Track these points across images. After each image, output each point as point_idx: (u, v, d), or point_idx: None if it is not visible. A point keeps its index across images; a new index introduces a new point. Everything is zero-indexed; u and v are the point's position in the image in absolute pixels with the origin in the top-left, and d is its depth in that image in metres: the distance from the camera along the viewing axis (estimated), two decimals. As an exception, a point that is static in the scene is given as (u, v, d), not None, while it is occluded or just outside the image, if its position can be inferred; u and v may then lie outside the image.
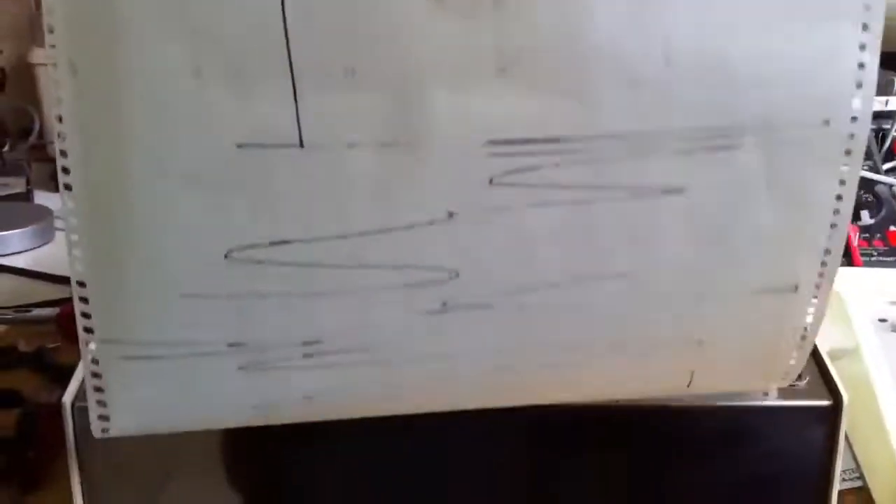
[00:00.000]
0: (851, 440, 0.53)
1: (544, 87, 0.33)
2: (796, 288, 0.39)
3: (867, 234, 0.80)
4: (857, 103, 0.36)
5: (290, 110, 0.32)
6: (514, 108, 0.33)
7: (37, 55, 1.16)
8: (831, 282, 0.40)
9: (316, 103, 0.32)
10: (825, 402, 0.44)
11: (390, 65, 0.32)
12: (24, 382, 0.61)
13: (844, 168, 0.37)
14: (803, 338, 0.41)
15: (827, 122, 0.36)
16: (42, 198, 1.03)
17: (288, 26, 0.31)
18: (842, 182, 0.37)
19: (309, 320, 0.36)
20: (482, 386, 0.38)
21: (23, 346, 0.66)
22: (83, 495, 0.43)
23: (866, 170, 0.88)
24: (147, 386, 0.37)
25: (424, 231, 0.35)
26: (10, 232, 0.91)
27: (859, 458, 0.52)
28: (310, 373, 0.37)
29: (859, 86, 0.36)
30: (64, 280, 0.82)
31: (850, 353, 0.53)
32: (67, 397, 0.42)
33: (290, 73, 0.32)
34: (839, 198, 0.38)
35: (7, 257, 0.88)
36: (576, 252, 0.36)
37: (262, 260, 0.35)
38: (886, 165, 0.88)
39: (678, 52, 0.33)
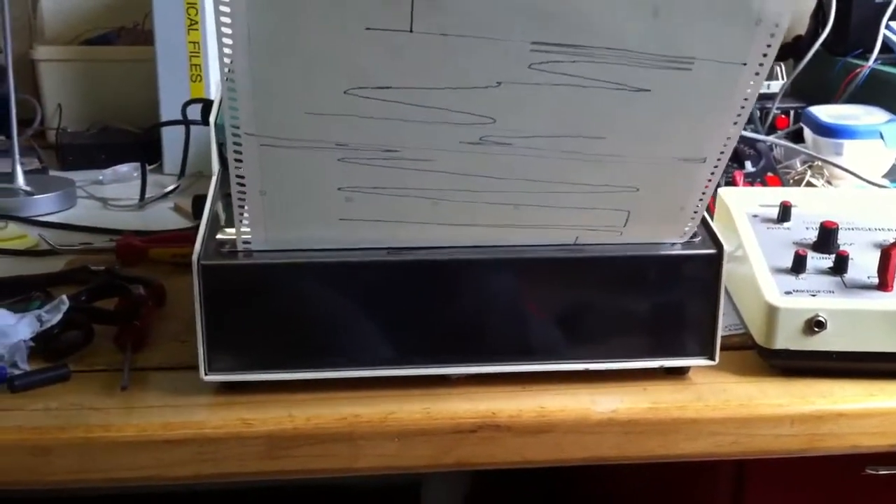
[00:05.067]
0: (735, 300, 0.73)
1: None
2: (705, 160, 0.61)
3: (750, 179, 1.02)
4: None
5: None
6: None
7: (38, 52, 1.32)
8: (725, 161, 0.61)
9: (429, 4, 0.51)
10: (712, 251, 0.64)
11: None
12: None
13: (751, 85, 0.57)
14: (700, 200, 0.63)
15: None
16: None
17: None
18: (745, 99, 0.58)
19: (392, 136, 0.56)
20: (486, 213, 0.61)
21: (92, 267, 0.83)
22: (203, 333, 0.61)
23: (751, 131, 1.10)
24: (274, 174, 0.57)
25: (480, 91, 0.55)
26: (43, 196, 1.07)
27: (742, 314, 0.73)
28: (384, 169, 0.58)
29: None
30: (97, 230, 0.98)
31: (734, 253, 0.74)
32: (195, 257, 0.60)
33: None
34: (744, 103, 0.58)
35: (40, 217, 1.04)
36: (570, 117, 0.57)
37: (368, 97, 0.55)
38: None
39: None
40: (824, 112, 1.08)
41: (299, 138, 0.57)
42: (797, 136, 1.14)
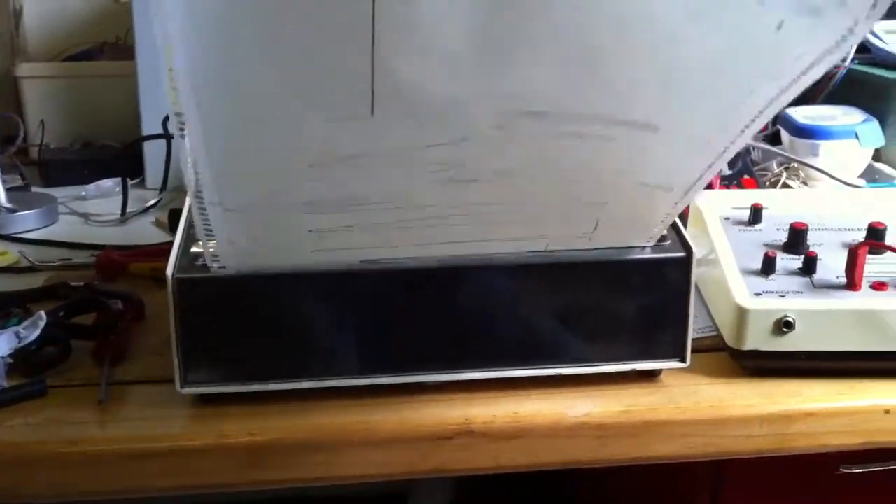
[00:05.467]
0: (707, 303, 0.74)
1: None
2: (672, 189, 0.61)
3: (726, 182, 1.03)
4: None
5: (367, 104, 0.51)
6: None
7: (20, 69, 1.32)
8: (699, 189, 0.61)
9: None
10: (681, 254, 0.65)
11: None
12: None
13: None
14: (668, 215, 0.63)
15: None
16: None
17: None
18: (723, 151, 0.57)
19: (359, 190, 0.57)
20: (456, 231, 0.61)
21: (72, 282, 0.84)
22: (178, 346, 0.62)
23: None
24: (241, 229, 0.58)
25: (447, 146, 0.55)
26: (24, 213, 1.07)
27: (713, 316, 0.74)
28: (353, 214, 0.58)
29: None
30: (78, 246, 0.99)
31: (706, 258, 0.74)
32: (169, 271, 0.61)
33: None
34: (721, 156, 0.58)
35: (22, 234, 1.04)
36: (538, 159, 0.57)
37: (333, 165, 0.54)
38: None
39: None
40: (801, 113, 1.08)
41: (264, 204, 0.57)
42: (775, 139, 1.14)
